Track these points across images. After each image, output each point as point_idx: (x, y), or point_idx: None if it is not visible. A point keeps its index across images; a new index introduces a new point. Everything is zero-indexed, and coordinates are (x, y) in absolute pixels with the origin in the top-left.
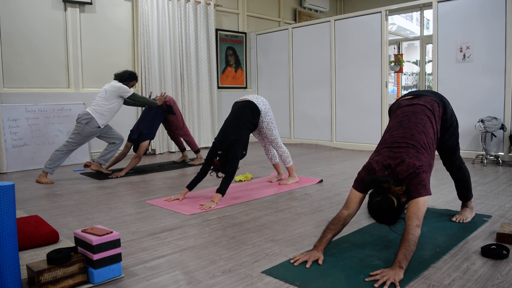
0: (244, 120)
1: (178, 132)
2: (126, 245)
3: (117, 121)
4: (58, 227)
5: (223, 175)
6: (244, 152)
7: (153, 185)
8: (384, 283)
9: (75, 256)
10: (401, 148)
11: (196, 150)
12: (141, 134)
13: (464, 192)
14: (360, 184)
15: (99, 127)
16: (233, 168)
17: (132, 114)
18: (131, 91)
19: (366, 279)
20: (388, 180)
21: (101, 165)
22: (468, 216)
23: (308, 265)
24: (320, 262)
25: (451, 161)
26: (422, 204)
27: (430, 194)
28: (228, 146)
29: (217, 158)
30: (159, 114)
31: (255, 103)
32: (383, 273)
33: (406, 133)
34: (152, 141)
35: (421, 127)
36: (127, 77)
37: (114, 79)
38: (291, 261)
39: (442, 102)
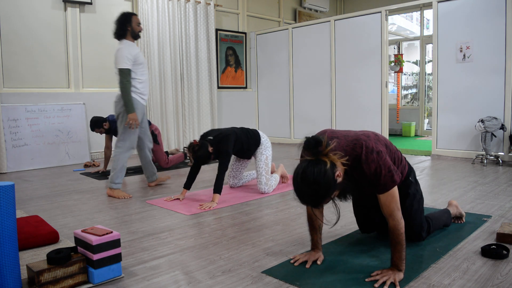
0: (240, 135)
1: (158, 163)
2: (126, 245)
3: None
4: (58, 227)
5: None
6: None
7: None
8: (384, 283)
9: (75, 256)
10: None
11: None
12: (109, 119)
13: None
14: None
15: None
16: (224, 162)
17: None
18: (123, 64)
19: (366, 279)
20: (327, 143)
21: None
22: (461, 213)
23: (308, 265)
24: (319, 262)
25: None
26: (395, 194)
27: (400, 176)
28: (220, 139)
29: (198, 139)
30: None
31: (260, 135)
32: (383, 273)
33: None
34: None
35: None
36: (120, 25)
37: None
38: (291, 261)
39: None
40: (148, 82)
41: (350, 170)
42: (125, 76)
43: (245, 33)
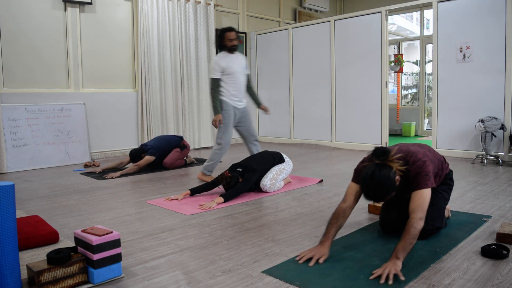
0: (267, 163)
1: (165, 161)
2: (126, 245)
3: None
4: (58, 227)
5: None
6: (253, 186)
7: (153, 185)
8: (387, 277)
9: (75, 256)
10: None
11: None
12: (150, 148)
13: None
14: (357, 176)
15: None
16: (244, 186)
17: (132, 120)
18: (211, 74)
19: (370, 277)
20: (393, 154)
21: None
22: (449, 215)
23: (311, 263)
24: (321, 260)
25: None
26: (427, 195)
27: (434, 185)
28: (247, 170)
29: (228, 171)
30: (173, 142)
31: (284, 157)
32: (383, 268)
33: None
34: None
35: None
36: (216, 41)
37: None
38: (297, 259)
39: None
40: (239, 86)
41: (404, 176)
42: (211, 84)
43: (245, 33)
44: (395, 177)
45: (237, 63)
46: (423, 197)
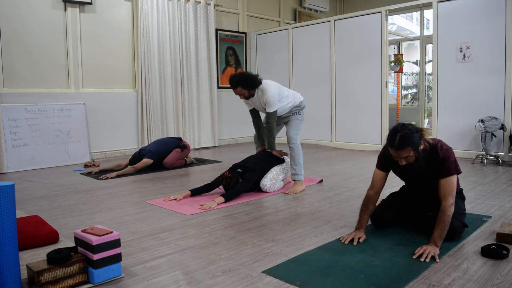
0: (266, 163)
1: (165, 160)
2: (126, 245)
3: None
4: (58, 227)
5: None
6: (253, 186)
7: (153, 185)
8: (426, 256)
9: (75, 256)
10: None
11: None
12: (148, 152)
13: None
14: (380, 161)
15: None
16: (244, 186)
17: (132, 120)
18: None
19: (413, 257)
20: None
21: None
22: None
23: (355, 243)
24: (361, 240)
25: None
26: (454, 182)
27: (461, 172)
28: (247, 170)
29: (228, 171)
30: (172, 144)
31: (285, 159)
32: (424, 249)
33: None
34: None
35: None
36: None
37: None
38: (341, 241)
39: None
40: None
41: (425, 155)
42: None
43: (245, 33)
44: (420, 140)
45: (257, 105)
46: (453, 184)
